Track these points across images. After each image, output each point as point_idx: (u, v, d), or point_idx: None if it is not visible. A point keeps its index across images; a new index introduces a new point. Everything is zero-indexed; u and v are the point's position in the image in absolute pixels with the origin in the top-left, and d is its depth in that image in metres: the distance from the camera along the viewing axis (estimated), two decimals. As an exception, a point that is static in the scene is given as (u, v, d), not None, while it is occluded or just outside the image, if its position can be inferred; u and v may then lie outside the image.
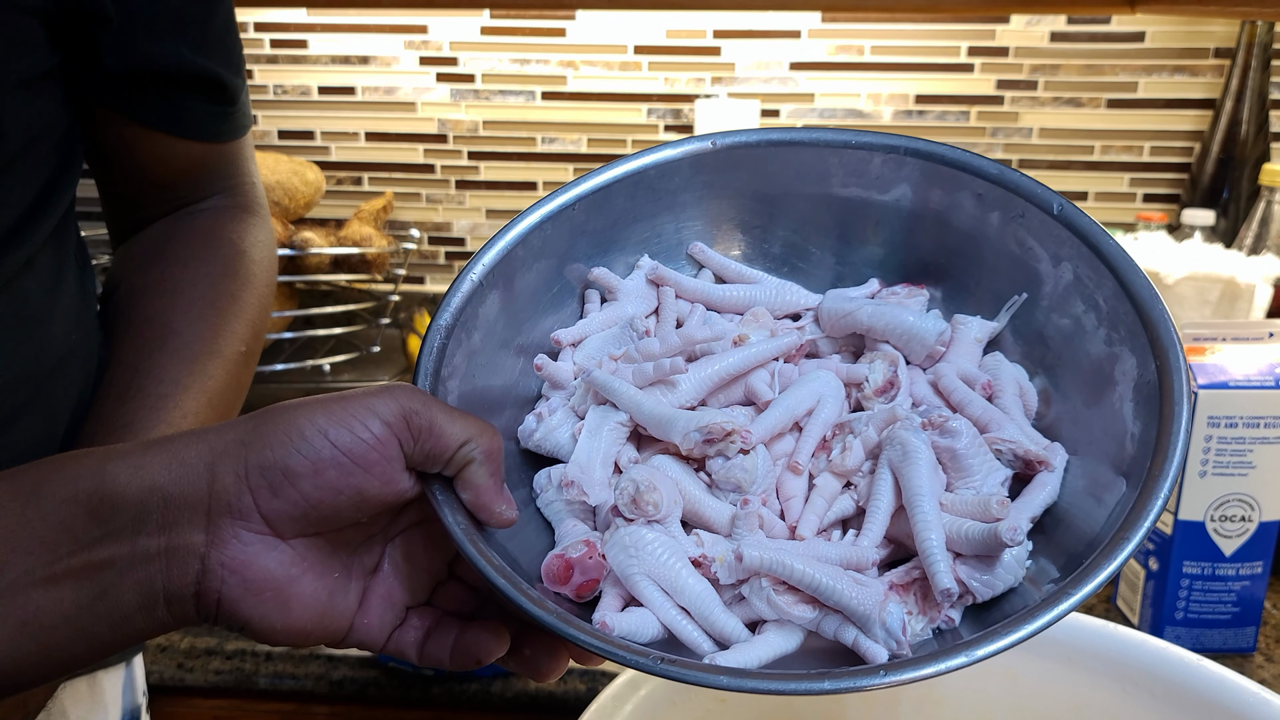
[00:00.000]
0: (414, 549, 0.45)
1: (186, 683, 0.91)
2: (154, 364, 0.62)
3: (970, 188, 0.51)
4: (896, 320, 0.50)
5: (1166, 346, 0.43)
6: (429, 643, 0.44)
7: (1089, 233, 0.47)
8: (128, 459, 0.39)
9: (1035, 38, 1.39)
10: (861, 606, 0.41)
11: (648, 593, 0.43)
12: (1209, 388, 0.83)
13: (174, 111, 0.65)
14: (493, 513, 0.42)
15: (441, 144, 1.52)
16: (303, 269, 1.34)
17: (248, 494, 0.39)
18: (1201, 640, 0.89)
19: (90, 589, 0.38)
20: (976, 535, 0.43)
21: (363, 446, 0.39)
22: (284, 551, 0.40)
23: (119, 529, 0.38)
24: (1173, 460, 0.41)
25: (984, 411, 0.47)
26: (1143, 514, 0.40)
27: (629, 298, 0.53)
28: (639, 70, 1.45)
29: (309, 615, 0.41)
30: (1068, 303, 0.48)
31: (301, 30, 1.48)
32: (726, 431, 0.45)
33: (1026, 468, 0.46)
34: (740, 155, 0.53)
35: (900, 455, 0.45)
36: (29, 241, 0.57)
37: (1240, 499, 0.86)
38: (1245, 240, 1.18)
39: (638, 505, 0.43)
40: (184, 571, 0.39)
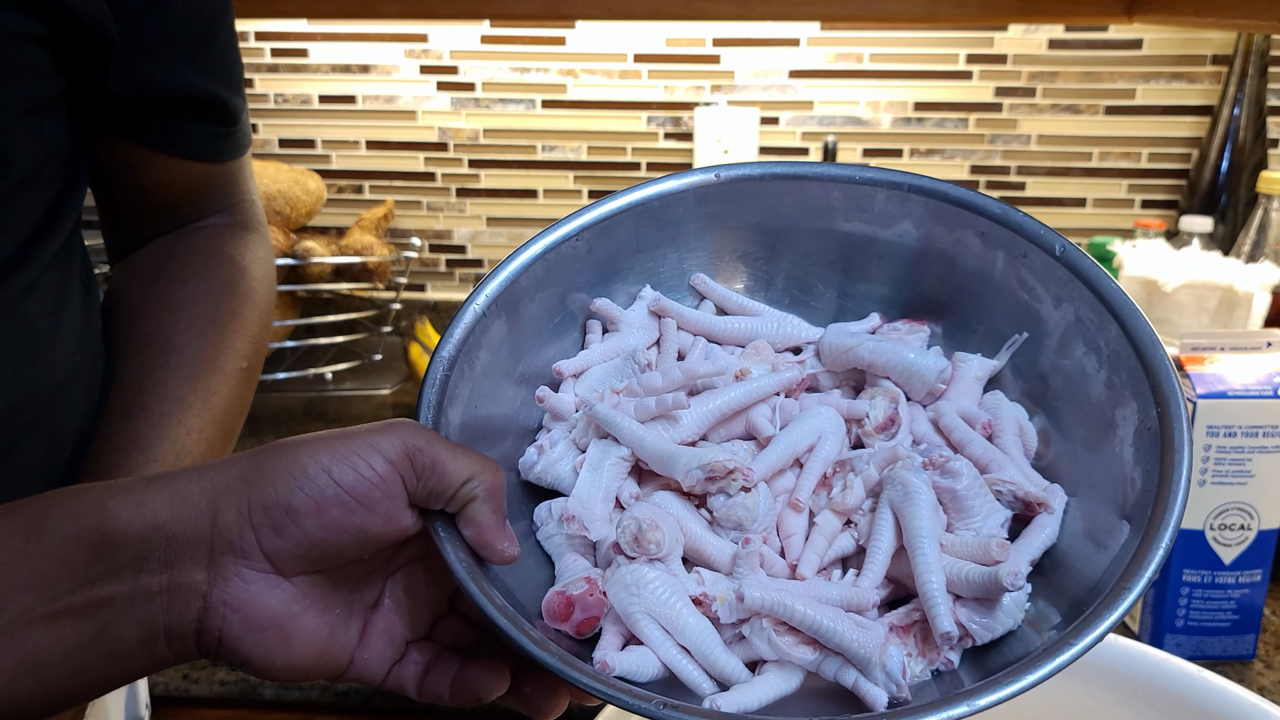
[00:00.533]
0: (414, 584, 0.45)
1: (191, 694, 0.92)
2: (156, 381, 0.62)
3: (973, 226, 0.51)
4: (897, 357, 0.50)
5: (1168, 393, 0.44)
6: (428, 678, 0.44)
7: (1091, 275, 0.48)
8: (129, 495, 0.39)
9: (1033, 45, 1.40)
10: (862, 650, 0.41)
11: (648, 631, 0.43)
12: (1208, 397, 0.84)
13: (176, 134, 0.65)
14: (495, 550, 0.42)
15: (442, 152, 1.52)
16: (304, 278, 1.35)
17: (250, 532, 0.39)
18: (1201, 648, 0.89)
19: (91, 626, 0.38)
20: (977, 578, 0.43)
21: (366, 485, 0.39)
22: (286, 589, 0.40)
23: (120, 566, 0.38)
24: (1174, 509, 0.41)
25: (984, 451, 0.47)
26: (1144, 563, 0.40)
27: (631, 329, 0.53)
28: (639, 78, 1.46)
29: (310, 652, 0.41)
30: (1069, 344, 0.49)
31: (302, 39, 1.49)
32: (729, 470, 0.45)
33: (1026, 509, 0.46)
34: (744, 188, 0.53)
35: (901, 496, 0.45)
36: (33, 265, 0.57)
37: (1239, 508, 0.86)
38: (1243, 247, 1.19)
39: (639, 544, 0.44)
40: (185, 609, 0.39)
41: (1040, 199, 1.46)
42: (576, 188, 1.51)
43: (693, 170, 0.53)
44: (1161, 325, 1.13)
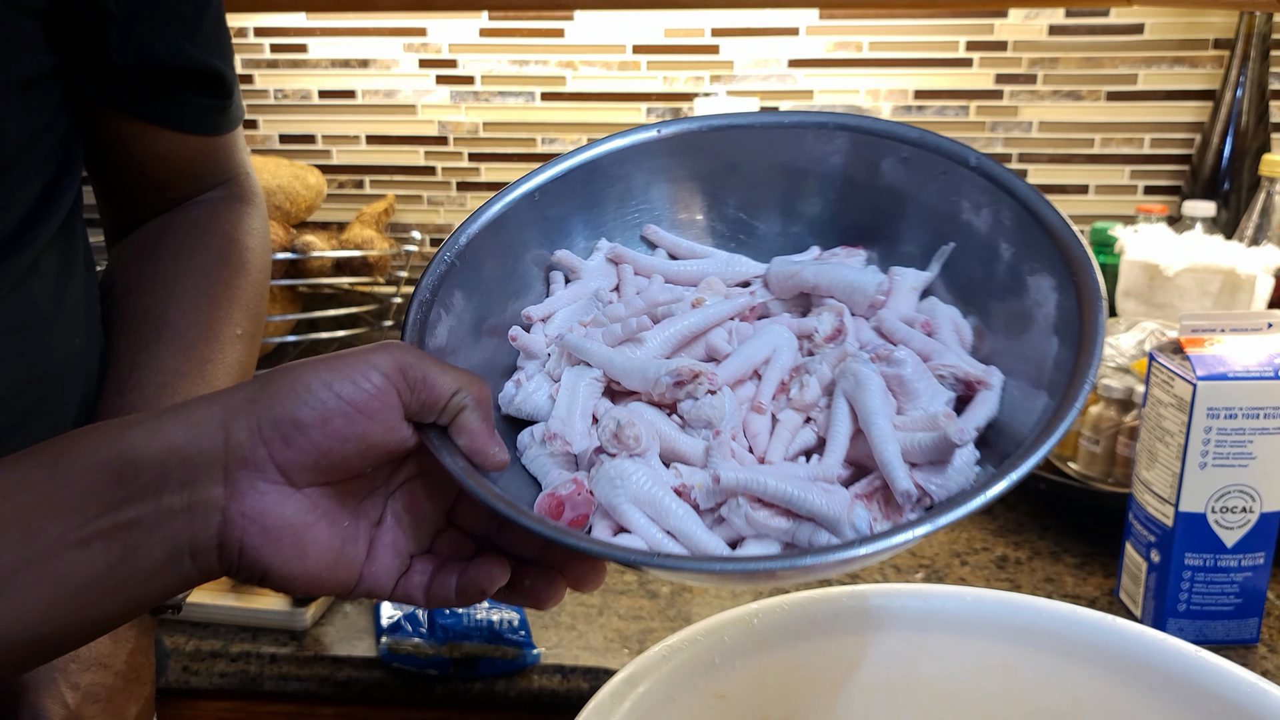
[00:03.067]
0: (413, 501, 0.47)
1: (192, 685, 0.92)
2: (151, 356, 0.63)
3: (896, 153, 0.55)
4: (839, 276, 0.54)
5: (1080, 269, 0.47)
6: (433, 585, 0.46)
7: (1003, 179, 0.52)
8: (145, 424, 0.41)
9: (1034, 31, 1.39)
10: (831, 510, 0.44)
11: (634, 519, 0.46)
12: (1209, 379, 0.83)
13: (175, 107, 0.66)
14: (486, 455, 0.44)
15: (442, 146, 1.52)
16: (305, 272, 1.35)
17: (262, 446, 0.41)
18: (1205, 632, 0.89)
19: (119, 548, 0.40)
20: (929, 443, 0.46)
21: (365, 396, 0.41)
22: (298, 500, 0.42)
23: (142, 489, 0.40)
24: (1092, 366, 0.45)
25: (925, 344, 0.51)
26: (1063, 413, 0.44)
27: (592, 275, 0.56)
28: (638, 70, 1.46)
29: (323, 561, 0.43)
30: (991, 245, 0.53)
31: (301, 34, 1.49)
32: (695, 373, 0.49)
33: (967, 389, 0.49)
34: (684, 141, 0.57)
35: (853, 384, 0.48)
36: (33, 244, 0.58)
37: (1241, 490, 0.85)
38: (1246, 231, 1.18)
39: (620, 440, 0.47)
40: (206, 524, 0.41)
41: (1042, 186, 1.45)
42: (576, 180, 1.51)
43: (636, 129, 0.57)
44: (1164, 309, 1.12)
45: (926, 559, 1.05)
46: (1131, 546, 0.93)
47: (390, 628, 0.89)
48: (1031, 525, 1.11)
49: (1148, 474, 0.90)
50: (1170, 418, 0.86)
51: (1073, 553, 1.06)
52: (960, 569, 1.03)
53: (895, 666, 0.70)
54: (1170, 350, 0.89)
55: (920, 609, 0.70)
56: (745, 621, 0.67)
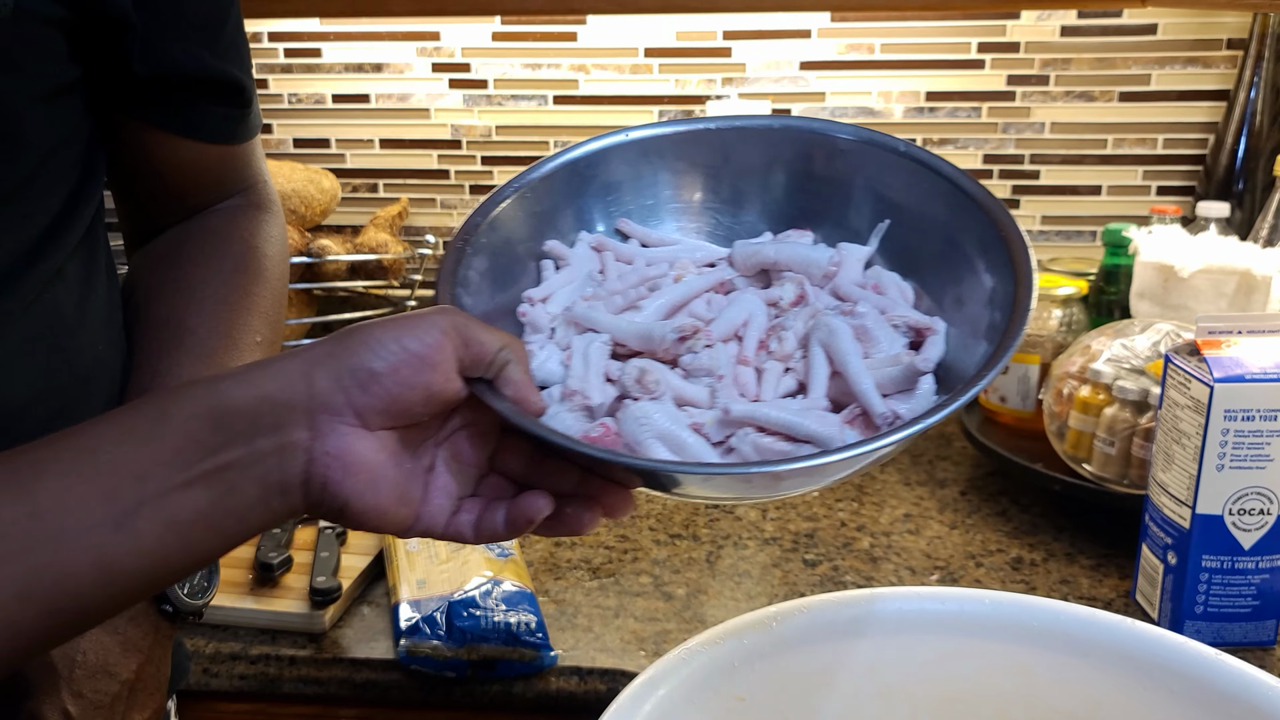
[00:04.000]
0: (459, 449, 0.52)
1: (212, 687, 0.92)
2: (173, 363, 0.64)
3: (836, 146, 0.64)
4: (795, 252, 0.62)
5: (1005, 225, 0.56)
6: (482, 521, 0.51)
7: (930, 161, 0.60)
8: (237, 377, 0.46)
9: (1046, 32, 1.39)
10: (826, 430, 0.52)
11: (659, 453, 0.52)
12: (1225, 381, 0.83)
13: (196, 117, 0.67)
14: (530, 402, 0.50)
15: (455, 149, 1.53)
16: (320, 276, 1.35)
17: (341, 393, 0.46)
18: (1222, 634, 0.89)
19: (220, 488, 0.45)
20: (897, 374, 0.54)
21: (428, 349, 0.47)
22: (371, 440, 0.47)
23: (238, 434, 0.45)
24: (1024, 318, 0.52)
25: (878, 301, 0.59)
26: (1008, 341, 0.51)
27: (579, 261, 0.64)
28: (650, 73, 1.46)
29: (390, 496, 0.48)
30: (923, 218, 0.61)
31: (315, 39, 1.50)
32: (695, 329, 0.57)
33: (917, 335, 0.57)
34: (649, 144, 0.65)
35: (827, 333, 0.56)
36: (57, 252, 0.58)
37: (1259, 492, 0.85)
38: (1261, 232, 1.18)
39: (643, 384, 0.54)
40: (294, 463, 0.45)
41: (1055, 187, 1.45)
42: (589, 183, 1.51)
43: (609, 133, 0.65)
44: (1179, 311, 1.12)
45: (941, 560, 1.05)
46: (1148, 548, 0.93)
47: (408, 630, 0.90)
48: (1046, 527, 1.11)
49: (1164, 476, 0.90)
50: (1187, 420, 0.86)
51: (1088, 554, 1.06)
52: (975, 570, 1.03)
53: (913, 669, 0.70)
54: (1186, 352, 0.89)
55: (937, 612, 0.71)
56: (764, 625, 0.68)
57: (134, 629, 0.59)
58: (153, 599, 0.60)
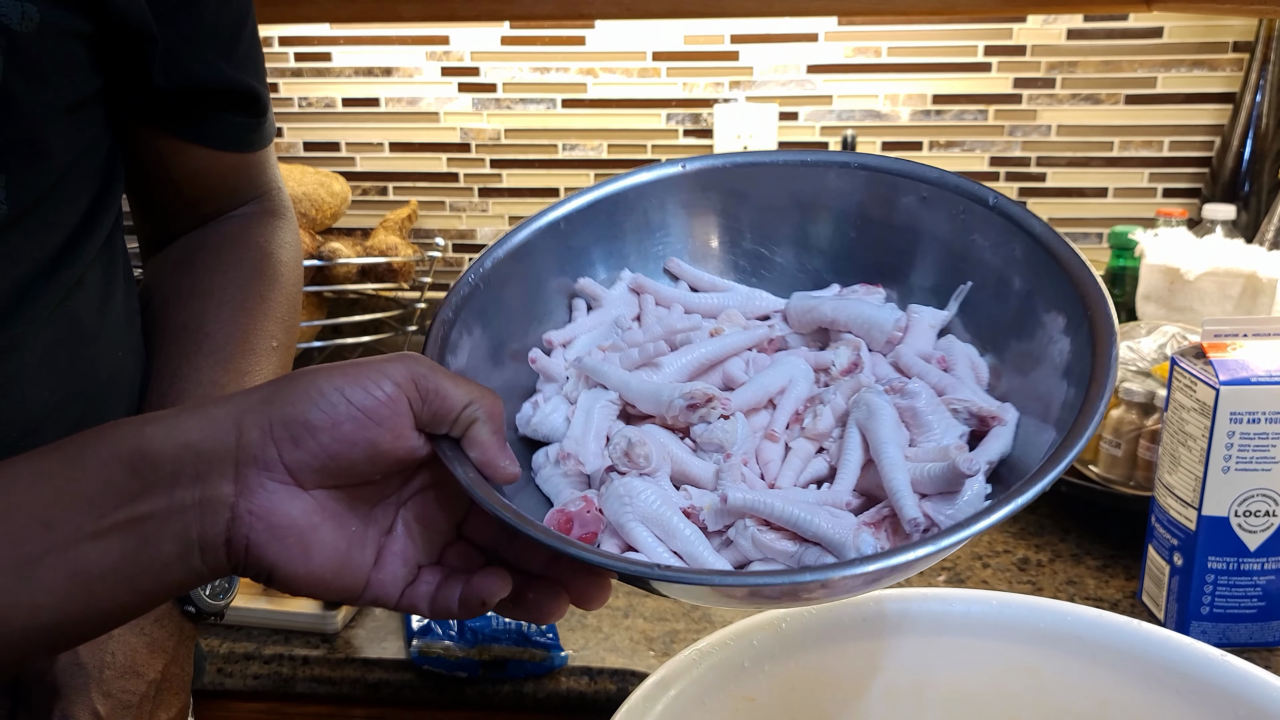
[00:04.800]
0: (425, 512, 0.47)
1: (226, 687, 0.93)
2: (192, 368, 0.65)
3: (915, 192, 0.56)
4: (857, 311, 0.55)
5: (1094, 305, 0.48)
6: (438, 595, 0.47)
7: (1022, 220, 0.53)
8: (163, 421, 0.43)
9: (1052, 35, 1.39)
10: (837, 534, 0.45)
11: (642, 537, 0.46)
12: (1231, 384, 0.84)
13: (213, 126, 0.68)
14: (498, 468, 0.45)
15: (464, 153, 1.53)
16: (330, 279, 1.36)
17: (272, 446, 0.42)
18: (1228, 635, 0.89)
19: (134, 540, 0.41)
20: (938, 473, 0.46)
21: (375, 404, 0.42)
22: (305, 500, 0.43)
23: (157, 483, 0.41)
24: (1100, 404, 0.45)
25: (940, 379, 0.52)
26: (1068, 448, 0.44)
27: (613, 304, 0.58)
28: (658, 76, 1.47)
29: (329, 564, 0.43)
30: (1007, 283, 0.53)
31: (325, 43, 1.51)
32: (708, 396, 0.50)
33: (981, 424, 0.50)
34: (709, 176, 0.59)
35: (866, 414, 0.49)
36: (79, 260, 0.59)
37: (1264, 494, 0.86)
38: (1267, 234, 1.18)
39: (630, 458, 0.48)
40: (216, 519, 0.42)
41: (1061, 189, 1.46)
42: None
43: (662, 163, 0.58)
44: (1184, 313, 1.13)
45: (948, 562, 1.05)
46: (1154, 550, 0.94)
47: (421, 630, 0.91)
48: (1053, 528, 1.12)
49: (1170, 478, 0.90)
50: (1193, 422, 0.87)
51: (1094, 555, 1.06)
52: (982, 571, 1.04)
53: (921, 670, 0.70)
54: (1192, 354, 0.89)
55: (945, 613, 0.71)
56: (773, 625, 0.68)
57: (160, 630, 0.60)
58: (175, 600, 0.61)
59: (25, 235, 0.55)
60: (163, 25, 0.60)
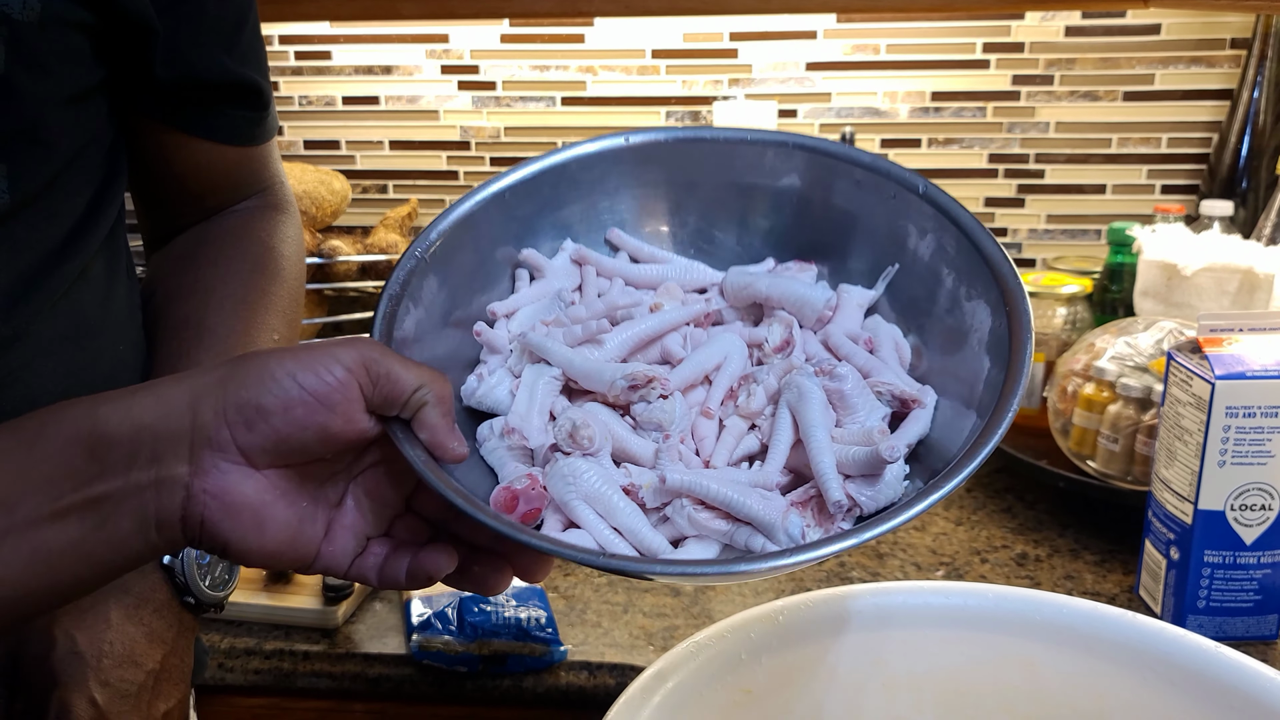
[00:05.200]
0: (375, 486, 0.49)
1: (227, 682, 0.94)
2: (192, 361, 0.65)
3: (849, 175, 0.58)
4: (790, 290, 0.56)
5: (1013, 297, 0.51)
6: (386, 566, 0.48)
7: (948, 207, 0.55)
8: (118, 402, 0.44)
9: (1050, 32, 1.40)
10: (767, 516, 0.47)
11: (584, 515, 0.48)
12: (1227, 378, 0.84)
13: (216, 119, 0.68)
14: (446, 448, 0.46)
15: (464, 151, 1.54)
16: (331, 277, 1.37)
17: (225, 428, 0.43)
18: (1224, 628, 0.90)
19: (92, 520, 0.43)
20: (862, 457, 0.49)
21: (326, 388, 0.43)
22: (258, 480, 0.44)
23: (114, 465, 0.43)
24: (1016, 393, 0.48)
25: (866, 361, 0.54)
26: (988, 437, 0.46)
27: (556, 275, 0.59)
28: (657, 74, 1.47)
29: (281, 538, 0.45)
30: (934, 269, 0.56)
31: (325, 42, 1.51)
32: (649, 378, 0.51)
33: (903, 406, 0.52)
34: (652, 150, 0.60)
35: (796, 396, 0.51)
36: (82, 253, 0.60)
37: (1260, 488, 0.86)
38: (1264, 230, 1.19)
39: (574, 439, 0.49)
40: (171, 498, 0.43)
41: (1060, 185, 1.46)
42: (597, 183, 1.52)
43: (605, 136, 0.60)
44: (1182, 309, 1.13)
45: (947, 556, 1.06)
46: (1151, 544, 0.94)
47: (420, 625, 0.91)
48: (1051, 523, 1.12)
49: (1167, 472, 0.91)
50: (1189, 416, 0.87)
51: (1092, 550, 1.07)
52: (980, 566, 1.04)
53: (918, 663, 0.71)
54: (1189, 349, 0.89)
55: (943, 606, 0.72)
56: (771, 619, 0.69)
57: (158, 620, 0.61)
58: (175, 591, 0.62)
59: (28, 226, 0.56)
60: (164, 18, 0.61)
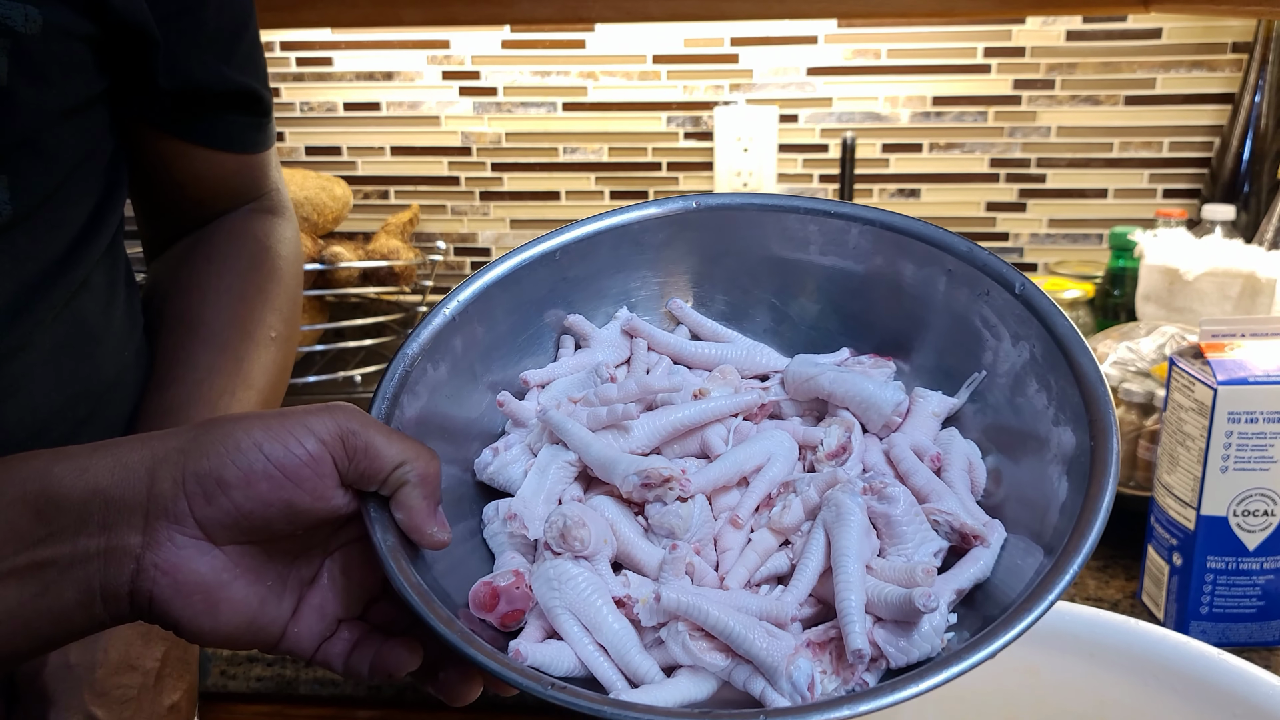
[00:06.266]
0: (351, 564, 0.46)
1: (229, 689, 0.94)
2: (189, 353, 0.65)
3: (941, 263, 0.52)
4: (856, 388, 0.50)
5: (1103, 427, 0.44)
6: (353, 655, 0.45)
7: (1046, 313, 0.49)
8: (74, 460, 0.41)
9: (1051, 37, 1.40)
10: (770, 658, 0.41)
11: (567, 627, 0.43)
12: (1229, 384, 0.84)
13: (216, 127, 0.68)
14: (424, 534, 0.43)
15: (465, 156, 1.54)
16: (333, 283, 1.37)
17: (183, 499, 0.40)
18: (1227, 634, 0.89)
19: (34, 586, 0.40)
20: (894, 599, 0.42)
21: (295, 462, 0.41)
22: (216, 557, 0.41)
23: (62, 529, 0.40)
24: (1090, 537, 0.42)
25: (927, 482, 0.47)
26: (1051, 586, 0.40)
27: (602, 346, 0.54)
28: (658, 79, 1.47)
29: (238, 620, 0.42)
30: (1024, 382, 0.49)
31: (326, 48, 1.51)
32: (665, 477, 0.45)
33: (963, 541, 0.46)
34: (723, 216, 0.55)
35: (834, 516, 0.45)
36: (84, 261, 0.60)
37: (1262, 494, 0.86)
38: (1266, 234, 1.19)
39: (565, 540, 0.44)
40: (120, 571, 0.40)
41: (1061, 190, 1.46)
42: (598, 189, 1.53)
43: (673, 198, 0.55)
44: (1184, 314, 1.13)
45: (949, 563, 1.06)
46: (1153, 549, 0.94)
47: (423, 633, 0.91)
48: (1053, 529, 1.12)
49: (1169, 478, 0.91)
50: (1191, 422, 0.87)
51: (1095, 556, 1.06)
52: (983, 572, 1.04)
53: (920, 669, 0.71)
54: (1190, 355, 0.89)
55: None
56: (773, 626, 0.69)
57: None
58: None
59: (31, 237, 0.56)
60: (164, 28, 0.61)
